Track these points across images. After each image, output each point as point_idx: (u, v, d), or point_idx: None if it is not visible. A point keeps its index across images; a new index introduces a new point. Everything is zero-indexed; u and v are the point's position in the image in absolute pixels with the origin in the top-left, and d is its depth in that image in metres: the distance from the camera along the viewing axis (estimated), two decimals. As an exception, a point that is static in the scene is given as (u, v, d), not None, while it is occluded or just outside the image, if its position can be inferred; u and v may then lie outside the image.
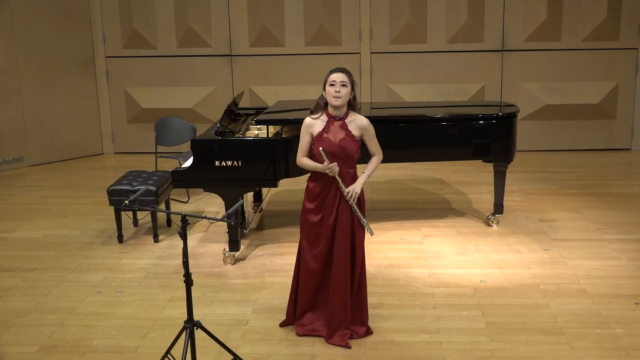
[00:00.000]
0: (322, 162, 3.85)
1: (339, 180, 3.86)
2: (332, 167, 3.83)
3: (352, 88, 3.91)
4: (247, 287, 4.74)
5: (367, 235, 5.63)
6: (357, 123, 3.92)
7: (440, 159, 5.91)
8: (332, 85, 3.87)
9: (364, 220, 3.91)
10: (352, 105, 3.95)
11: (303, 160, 3.98)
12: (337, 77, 3.89)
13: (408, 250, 5.32)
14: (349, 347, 3.89)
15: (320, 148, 3.84)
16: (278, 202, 6.64)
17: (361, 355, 3.82)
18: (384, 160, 5.63)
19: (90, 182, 7.53)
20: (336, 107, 3.89)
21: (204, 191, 5.25)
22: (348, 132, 3.89)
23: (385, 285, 4.70)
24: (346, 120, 3.91)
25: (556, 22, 8.13)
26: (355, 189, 3.88)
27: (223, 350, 3.64)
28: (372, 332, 4.03)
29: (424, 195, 6.78)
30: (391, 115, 5.69)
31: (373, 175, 7.46)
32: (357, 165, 4.00)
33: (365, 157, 4.10)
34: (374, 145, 4.05)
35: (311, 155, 3.96)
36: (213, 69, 8.50)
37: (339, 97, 3.85)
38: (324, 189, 3.91)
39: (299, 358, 3.82)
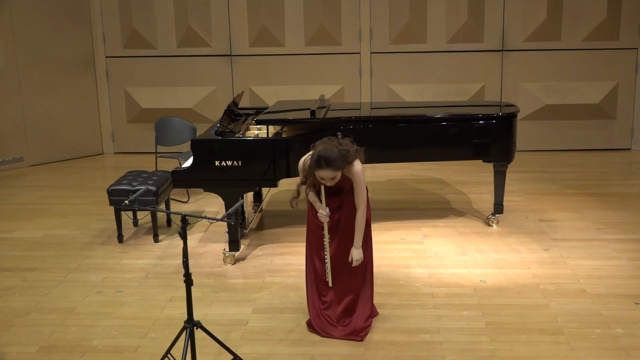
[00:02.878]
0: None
1: (326, 229, 3.91)
2: (324, 216, 3.88)
3: (343, 166, 3.74)
4: (247, 287, 4.74)
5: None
6: (350, 170, 3.81)
7: (440, 159, 5.91)
8: (322, 179, 3.79)
9: (327, 266, 3.97)
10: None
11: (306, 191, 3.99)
12: (325, 174, 3.73)
13: (408, 250, 5.32)
14: (358, 339, 3.94)
15: (323, 189, 3.83)
16: (278, 202, 6.64)
17: (361, 355, 3.83)
18: (384, 160, 5.70)
19: (90, 182, 7.53)
20: None
21: (204, 191, 5.25)
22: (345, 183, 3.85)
23: (385, 285, 4.70)
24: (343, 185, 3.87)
25: (556, 22, 8.13)
26: (356, 257, 3.92)
27: (223, 350, 3.64)
28: (360, 339, 3.98)
29: (424, 195, 6.78)
30: (391, 115, 5.70)
31: (373, 175, 7.53)
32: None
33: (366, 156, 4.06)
34: (358, 194, 3.85)
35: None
36: (213, 69, 8.50)
37: (334, 184, 3.81)
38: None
39: (299, 358, 3.82)
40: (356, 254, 3.92)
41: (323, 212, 3.89)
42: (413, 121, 5.54)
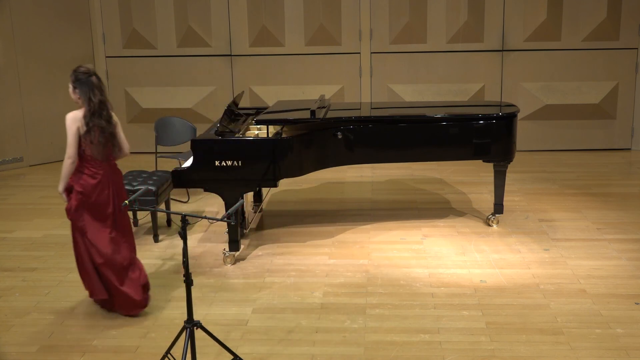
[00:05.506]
0: None
1: None
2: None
3: (75, 87, 4.16)
4: (247, 287, 4.74)
5: (366, 235, 5.64)
6: None
7: (440, 159, 5.90)
8: None
9: None
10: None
11: None
12: None
13: (408, 250, 5.32)
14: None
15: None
16: (278, 202, 6.64)
17: (361, 355, 3.83)
18: (384, 160, 5.71)
19: (90, 182, 7.51)
20: None
21: (204, 191, 5.25)
22: None
23: (385, 285, 4.70)
24: None
25: (556, 22, 8.13)
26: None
27: (223, 350, 3.65)
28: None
29: (424, 195, 6.78)
30: (391, 115, 5.70)
31: (373, 175, 7.52)
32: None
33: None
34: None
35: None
36: (213, 69, 8.50)
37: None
38: None
39: (299, 358, 3.82)
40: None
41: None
42: (413, 121, 5.54)
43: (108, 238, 4.23)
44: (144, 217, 6.01)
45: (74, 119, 4.13)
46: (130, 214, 5.94)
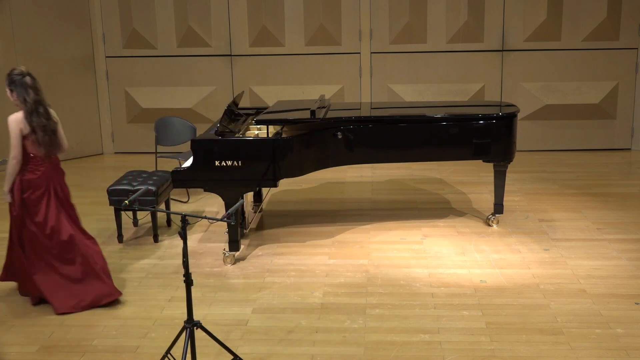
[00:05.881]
0: None
1: None
2: None
3: (12, 90, 4.30)
4: (247, 287, 4.75)
5: (366, 235, 5.65)
6: None
7: (440, 159, 5.91)
8: None
9: None
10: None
11: None
12: None
13: (408, 250, 5.32)
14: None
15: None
16: (278, 202, 6.64)
17: (361, 356, 3.83)
18: (384, 160, 5.71)
19: (90, 182, 7.53)
20: None
21: (204, 191, 5.26)
22: None
23: (385, 285, 4.70)
24: None
25: (556, 22, 8.13)
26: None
27: (223, 350, 3.65)
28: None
29: (424, 195, 6.78)
30: (391, 115, 5.70)
31: (373, 175, 7.51)
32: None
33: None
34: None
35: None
36: (213, 69, 8.50)
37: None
38: None
39: (299, 358, 3.82)
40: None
41: None
42: (413, 121, 5.54)
43: (38, 258, 4.39)
44: (144, 217, 6.02)
45: (15, 120, 4.25)
46: (130, 213, 5.96)
